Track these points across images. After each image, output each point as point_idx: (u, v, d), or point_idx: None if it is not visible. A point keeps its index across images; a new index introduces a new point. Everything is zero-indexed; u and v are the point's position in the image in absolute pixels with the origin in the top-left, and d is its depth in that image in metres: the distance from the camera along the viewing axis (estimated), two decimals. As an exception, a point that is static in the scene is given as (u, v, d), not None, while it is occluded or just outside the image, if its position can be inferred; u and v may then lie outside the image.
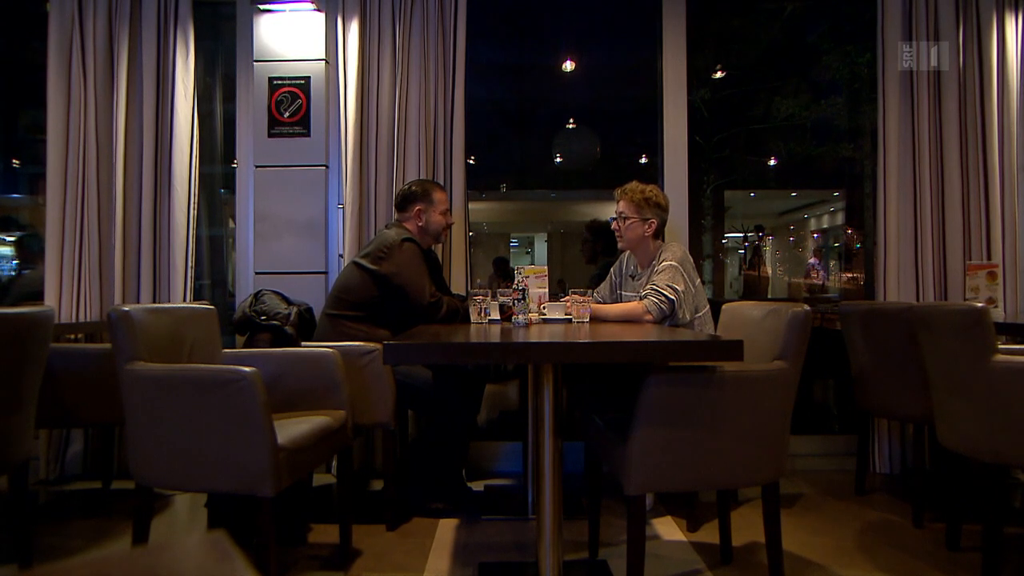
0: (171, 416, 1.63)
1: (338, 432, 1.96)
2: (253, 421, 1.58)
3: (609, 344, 1.48)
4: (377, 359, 2.17)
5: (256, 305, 2.52)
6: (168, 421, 1.63)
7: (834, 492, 2.61)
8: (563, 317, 2.14)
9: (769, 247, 8.57)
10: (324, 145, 2.86)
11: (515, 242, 9.86)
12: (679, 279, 2.14)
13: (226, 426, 1.60)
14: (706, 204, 5.58)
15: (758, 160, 5.99)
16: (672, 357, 1.49)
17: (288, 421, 1.84)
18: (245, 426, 1.59)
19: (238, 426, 1.59)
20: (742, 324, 1.94)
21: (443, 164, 2.81)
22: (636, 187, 2.30)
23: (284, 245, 2.84)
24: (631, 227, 2.30)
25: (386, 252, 2.31)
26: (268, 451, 1.59)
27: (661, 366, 1.58)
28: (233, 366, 1.64)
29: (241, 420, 1.59)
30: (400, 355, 1.46)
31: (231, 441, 1.60)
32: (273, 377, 1.97)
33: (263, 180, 2.84)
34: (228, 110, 3.14)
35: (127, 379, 1.66)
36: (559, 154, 6.03)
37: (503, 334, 1.78)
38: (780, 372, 1.63)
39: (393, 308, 2.32)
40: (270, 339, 2.42)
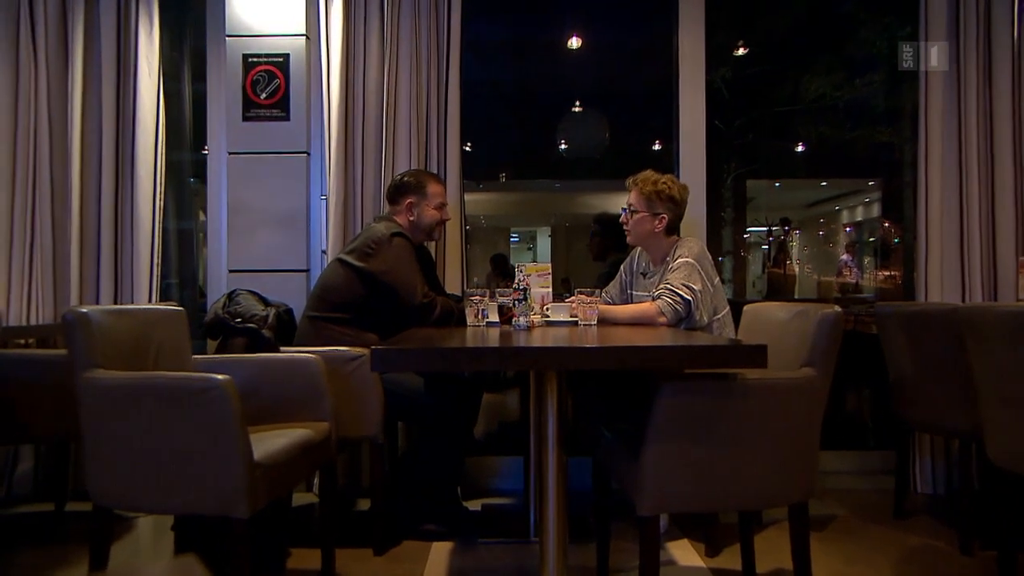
0: (134, 430, 1.63)
1: (321, 446, 1.96)
2: (226, 434, 1.58)
3: (619, 349, 1.47)
4: (364, 366, 2.17)
5: (230, 306, 2.51)
6: (131, 435, 1.63)
7: (870, 515, 2.60)
8: (568, 319, 2.14)
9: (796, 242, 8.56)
10: (305, 130, 2.85)
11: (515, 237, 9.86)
12: (696, 277, 2.13)
13: (196, 440, 1.59)
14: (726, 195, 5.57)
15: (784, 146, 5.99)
16: (689, 364, 1.49)
17: (265, 434, 1.83)
18: (217, 440, 1.58)
19: (209, 440, 1.58)
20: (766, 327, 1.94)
21: (436, 151, 2.81)
22: (649, 177, 2.30)
23: (261, 240, 2.83)
24: (639, 221, 2.30)
25: (374, 248, 2.30)
26: (243, 468, 1.58)
27: (676, 373, 1.57)
28: (204, 373, 1.63)
29: (213, 433, 1.58)
30: (389, 361, 1.46)
31: (201, 457, 1.59)
32: (249, 386, 1.96)
33: (237, 168, 2.84)
34: (198, 90, 3.14)
35: (85, 389, 1.66)
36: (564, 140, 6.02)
37: (502, 338, 1.77)
38: (808, 380, 1.63)
39: (382, 309, 2.31)
40: (245, 344, 2.42)
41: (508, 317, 2.06)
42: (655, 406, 1.53)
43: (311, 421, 2.01)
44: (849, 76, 5.18)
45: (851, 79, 5.16)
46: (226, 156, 2.86)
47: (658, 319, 2.09)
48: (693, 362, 1.46)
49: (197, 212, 3.49)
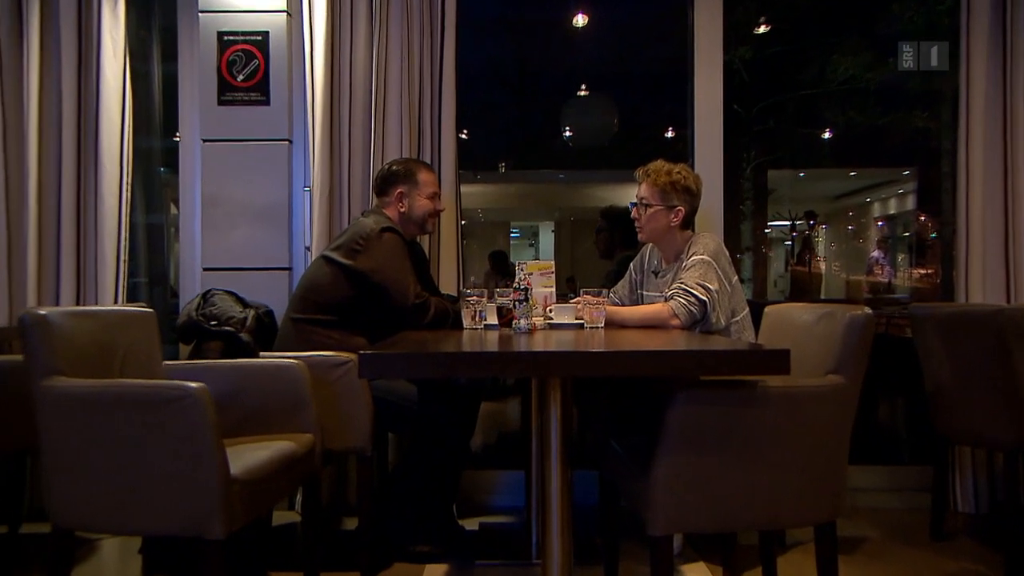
0: (98, 443, 1.62)
1: (304, 460, 1.96)
2: (200, 448, 1.58)
3: (628, 354, 1.47)
4: (351, 372, 2.17)
5: (205, 307, 2.51)
6: (94, 449, 1.63)
7: (905, 536, 2.60)
8: (573, 322, 2.14)
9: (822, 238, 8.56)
10: (287, 115, 2.85)
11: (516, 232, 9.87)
12: (712, 276, 2.14)
13: (167, 454, 1.59)
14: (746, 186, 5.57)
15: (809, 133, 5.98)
16: (704, 370, 1.49)
17: (243, 447, 1.83)
18: (190, 454, 1.58)
19: (181, 454, 1.58)
20: (789, 330, 1.94)
21: (430, 139, 2.81)
22: (661, 167, 2.30)
23: (239, 235, 2.83)
24: (653, 216, 2.29)
25: (362, 244, 2.30)
26: (218, 484, 1.58)
27: (691, 381, 1.57)
28: (176, 381, 1.63)
29: (185, 446, 1.58)
30: (379, 367, 1.46)
31: (172, 472, 1.59)
32: (225, 394, 1.97)
33: (212, 157, 2.84)
34: (168, 71, 3.13)
35: (43, 398, 1.65)
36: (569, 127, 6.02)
37: (502, 342, 1.77)
38: (835, 388, 1.63)
39: (371, 311, 2.31)
40: (221, 348, 2.42)
41: (508, 319, 2.06)
42: (668, 416, 1.53)
43: (293, 432, 2.01)
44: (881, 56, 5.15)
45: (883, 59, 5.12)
46: (200, 143, 2.86)
47: (671, 321, 2.09)
48: (709, 368, 1.46)
49: (168, 205, 3.49)
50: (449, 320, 2.32)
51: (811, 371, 1.70)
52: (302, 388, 2.04)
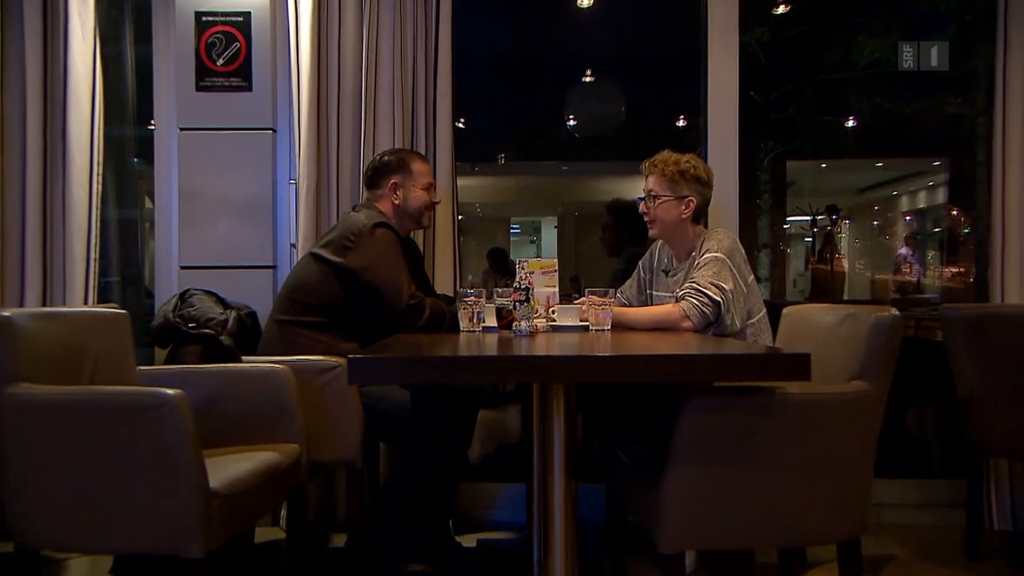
0: (67, 454, 1.63)
1: (289, 472, 1.96)
2: (177, 459, 1.58)
3: (637, 358, 1.48)
4: (340, 378, 2.17)
5: (182, 308, 2.51)
6: (62, 461, 1.63)
7: (936, 555, 2.60)
8: (577, 324, 2.14)
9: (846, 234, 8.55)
10: (270, 102, 2.86)
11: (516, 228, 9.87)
12: (726, 275, 2.14)
13: (141, 466, 1.59)
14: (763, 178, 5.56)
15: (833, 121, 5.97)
16: (718, 376, 1.49)
17: (223, 459, 1.84)
18: (166, 466, 1.58)
19: (157, 466, 1.59)
20: (809, 333, 1.94)
21: (424, 128, 2.81)
22: (668, 157, 2.31)
23: (219, 231, 2.83)
24: (663, 208, 2.30)
25: (353, 240, 2.31)
26: (196, 498, 1.59)
27: (704, 387, 1.58)
28: (151, 388, 1.64)
29: (161, 458, 1.59)
30: (370, 372, 1.47)
31: (147, 486, 1.59)
32: (204, 401, 1.97)
33: (190, 146, 2.84)
34: (142, 54, 3.12)
35: (7, 406, 1.66)
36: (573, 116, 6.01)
37: (501, 345, 1.77)
38: (859, 396, 1.63)
39: (362, 312, 2.32)
40: (200, 352, 2.42)
41: (508, 321, 2.06)
42: (679, 425, 1.53)
43: (278, 443, 2.01)
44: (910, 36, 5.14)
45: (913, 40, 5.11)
46: (176, 132, 2.86)
47: (682, 323, 2.09)
48: (724, 373, 1.46)
49: (142, 198, 3.49)
50: (445, 322, 2.32)
51: (833, 377, 1.70)
52: (287, 395, 2.04)
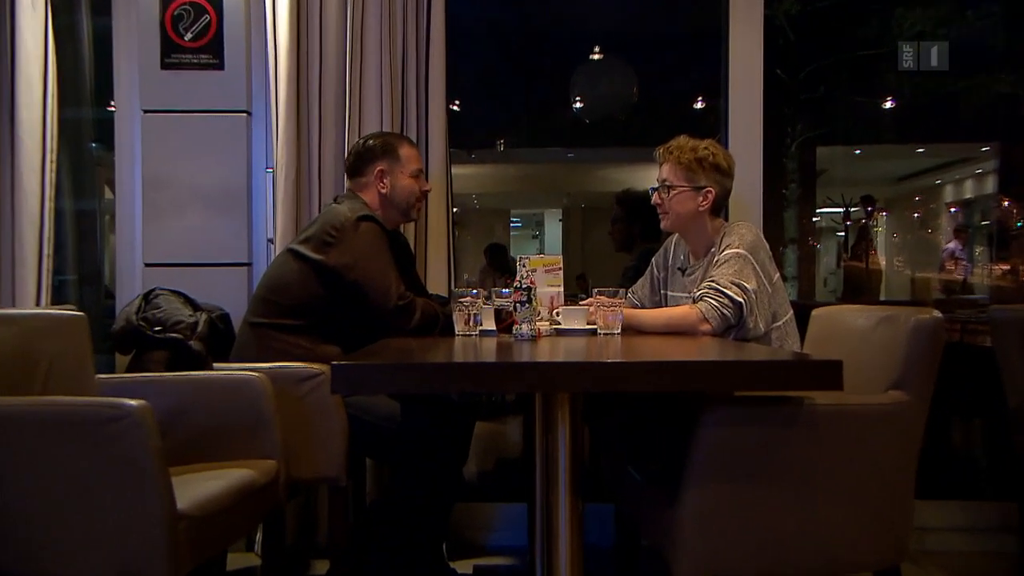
0: (16, 472, 1.62)
1: (265, 491, 1.96)
2: (140, 477, 1.58)
3: (650, 365, 1.48)
4: (322, 386, 2.17)
5: (147, 310, 2.51)
6: (11, 479, 1.62)
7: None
8: (584, 327, 2.14)
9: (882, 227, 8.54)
10: (244, 82, 2.86)
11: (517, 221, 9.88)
12: (749, 273, 2.14)
13: (100, 485, 1.59)
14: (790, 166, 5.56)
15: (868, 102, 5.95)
16: (740, 384, 1.49)
17: (192, 476, 1.83)
18: (128, 485, 1.58)
19: (118, 485, 1.58)
20: (841, 337, 1.94)
21: (416, 111, 2.81)
22: (685, 144, 2.31)
23: (187, 225, 2.83)
24: (679, 199, 2.29)
25: (335, 235, 2.31)
26: (161, 520, 1.58)
27: (725, 397, 1.57)
28: (112, 398, 1.63)
29: (123, 476, 1.58)
30: (355, 381, 1.46)
31: (107, 507, 1.59)
32: (171, 413, 1.97)
33: (155, 130, 2.84)
34: (101, 27, 3.11)
35: (-44, 416, 1.65)
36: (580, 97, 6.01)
37: (500, 351, 1.77)
38: (898, 407, 1.63)
39: (346, 314, 2.32)
40: (167, 359, 2.42)
41: (507, 324, 2.06)
42: (697, 439, 1.53)
43: (253, 459, 2.01)
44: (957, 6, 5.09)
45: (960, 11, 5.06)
46: (140, 115, 2.86)
47: (700, 326, 2.09)
48: (746, 382, 1.46)
49: (101, 188, 3.48)
50: (438, 325, 2.32)
51: (868, 386, 1.70)
52: (263, 406, 2.04)
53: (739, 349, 1.87)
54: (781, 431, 1.56)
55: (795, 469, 1.56)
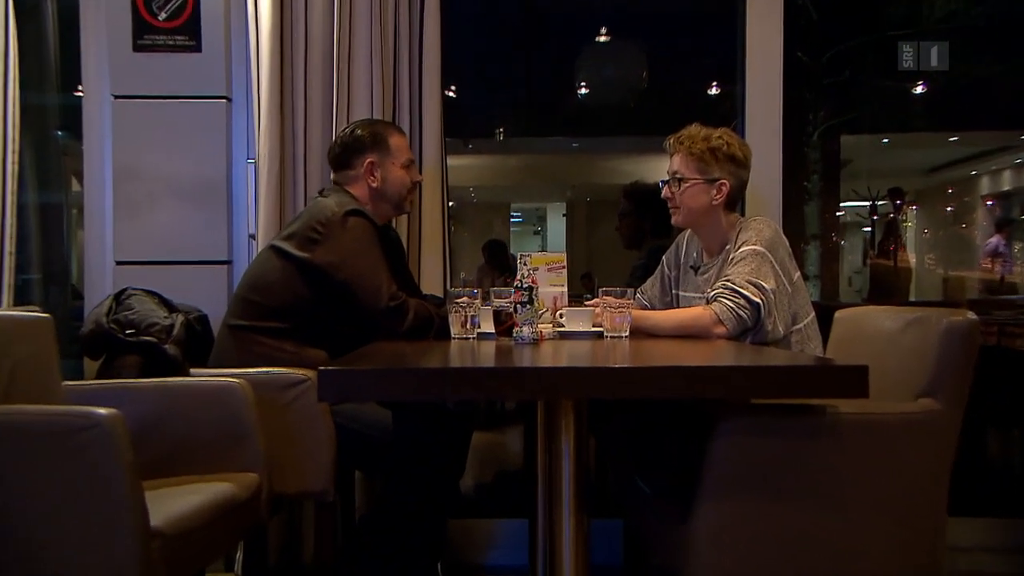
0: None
1: (246, 507, 1.96)
2: (111, 492, 1.58)
3: (661, 371, 1.47)
4: (308, 394, 2.17)
5: (118, 312, 2.51)
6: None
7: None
8: (590, 330, 2.15)
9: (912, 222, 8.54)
10: (224, 66, 2.86)
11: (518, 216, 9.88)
12: (767, 272, 2.14)
13: (67, 500, 1.59)
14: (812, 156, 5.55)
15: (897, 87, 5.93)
16: (757, 392, 1.48)
17: (168, 491, 1.84)
18: (98, 500, 1.58)
19: (87, 500, 1.58)
20: (867, 341, 1.93)
21: (408, 97, 2.81)
22: (697, 133, 2.31)
23: (162, 220, 2.84)
24: (691, 193, 2.30)
25: (322, 231, 2.31)
26: (134, 538, 1.58)
27: (741, 406, 1.57)
28: (80, 407, 1.63)
29: (92, 491, 1.58)
30: (344, 387, 1.46)
31: (75, 523, 1.59)
32: (145, 423, 1.97)
33: (127, 118, 2.84)
34: (66, 5, 3.12)
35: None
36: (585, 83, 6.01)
37: (499, 355, 1.76)
38: (929, 416, 1.63)
39: (333, 316, 2.33)
40: (140, 364, 2.42)
41: (507, 326, 2.06)
42: (711, 450, 1.52)
43: (233, 472, 2.01)
44: (993, -19, 5.07)
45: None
46: (110, 101, 2.86)
47: (714, 329, 2.09)
48: (764, 389, 1.46)
49: (68, 180, 3.48)
50: (433, 327, 2.32)
51: (896, 393, 1.70)
52: (244, 415, 2.04)
53: (756, 353, 1.87)
54: (802, 442, 1.55)
55: (817, 483, 1.56)
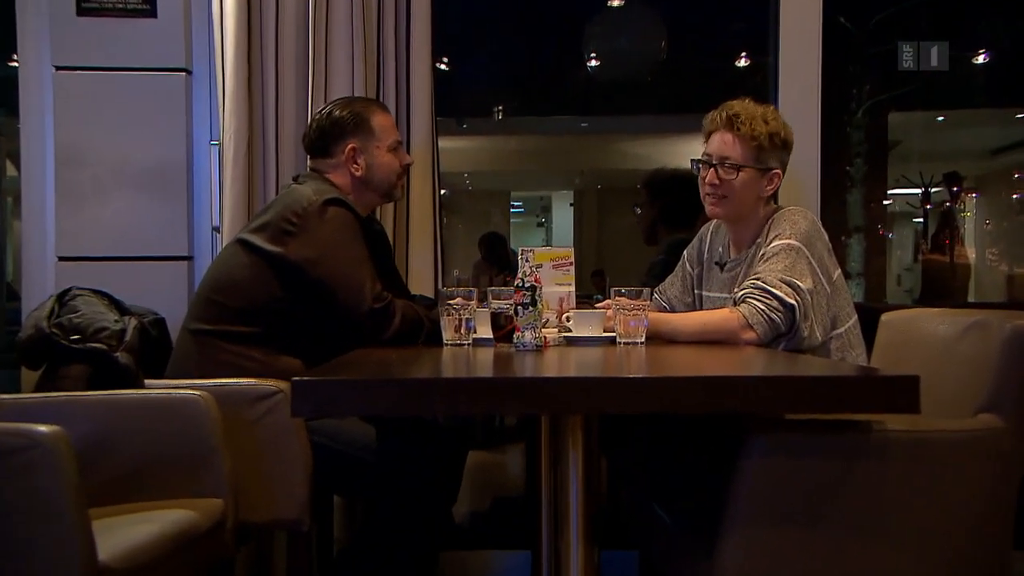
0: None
1: (209, 537, 1.96)
2: (52, 521, 1.57)
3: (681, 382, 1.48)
4: (280, 408, 2.17)
5: (62, 315, 2.51)
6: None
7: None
8: (601, 335, 2.15)
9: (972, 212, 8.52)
10: (183, 34, 2.86)
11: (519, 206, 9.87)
12: (803, 270, 2.14)
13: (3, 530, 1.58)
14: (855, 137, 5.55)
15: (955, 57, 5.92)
16: (792, 406, 1.49)
17: (118, 520, 1.83)
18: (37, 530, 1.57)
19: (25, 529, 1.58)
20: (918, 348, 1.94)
21: (395, 71, 2.82)
22: (755, 113, 2.28)
23: (113, 210, 2.84)
24: (746, 183, 2.28)
25: (297, 222, 2.31)
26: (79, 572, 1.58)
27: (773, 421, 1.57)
28: (17, 424, 1.62)
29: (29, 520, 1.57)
30: (321, 400, 1.46)
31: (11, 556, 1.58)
32: (93, 442, 1.96)
33: (71, 92, 2.84)
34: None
35: None
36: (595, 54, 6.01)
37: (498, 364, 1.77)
38: (989, 435, 1.63)
39: (309, 319, 2.33)
40: (87, 374, 2.42)
41: (507, 331, 2.06)
42: (740, 472, 1.53)
43: (194, 497, 2.01)
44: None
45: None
46: (51, 72, 2.85)
47: (743, 334, 2.09)
48: (800, 402, 1.46)
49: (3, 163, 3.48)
50: (422, 332, 2.33)
51: (953, 408, 1.70)
52: (207, 432, 2.04)
53: (791, 362, 1.87)
54: (843, 463, 1.55)
55: (861, 511, 1.56)
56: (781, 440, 1.55)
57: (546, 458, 2.03)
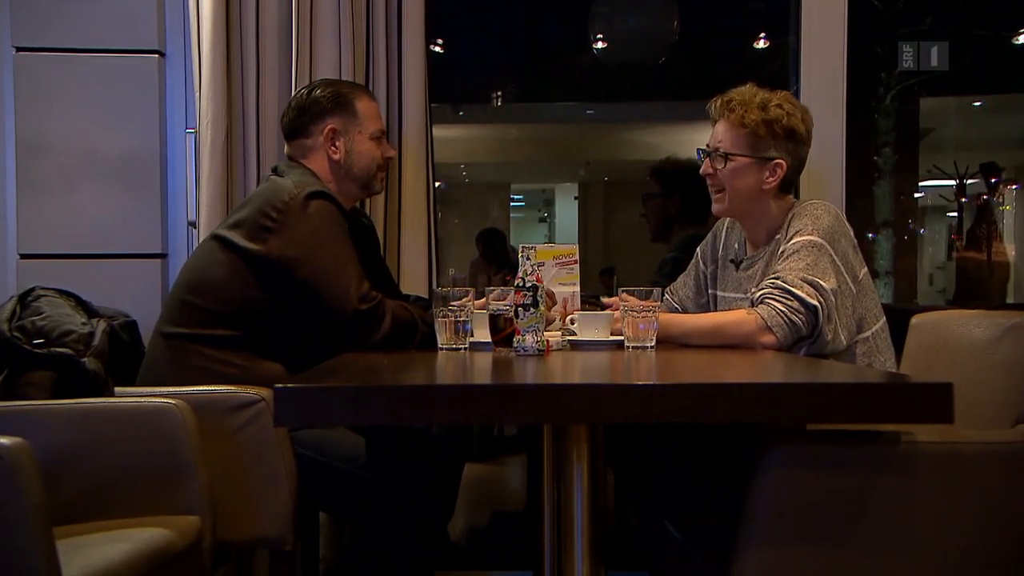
0: None
1: (184, 557, 1.96)
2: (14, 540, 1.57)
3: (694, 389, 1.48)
4: (261, 417, 2.17)
5: (24, 317, 2.51)
6: None
7: None
8: (608, 338, 2.15)
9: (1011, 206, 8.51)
10: (155, 13, 2.87)
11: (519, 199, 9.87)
12: (826, 268, 2.14)
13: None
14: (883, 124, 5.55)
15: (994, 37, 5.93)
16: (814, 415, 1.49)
17: (86, 539, 1.83)
18: (2, 547, 1.58)
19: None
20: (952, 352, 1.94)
21: (386, 53, 2.83)
22: (751, 97, 2.29)
23: (79, 203, 2.85)
24: (737, 173, 2.29)
25: (278, 217, 2.31)
26: (47, 594, 1.58)
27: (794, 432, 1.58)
28: (-21, 433, 1.63)
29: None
30: (306, 409, 1.47)
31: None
32: (59, 454, 1.97)
33: (32, 76, 2.85)
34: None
35: None
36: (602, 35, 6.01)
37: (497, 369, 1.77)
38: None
39: (291, 322, 2.34)
40: (52, 381, 2.42)
41: (506, 334, 2.07)
42: (758, 487, 1.53)
43: (168, 514, 2.01)
44: None
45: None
46: (11, 54, 2.86)
47: (761, 337, 2.09)
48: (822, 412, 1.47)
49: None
50: (415, 335, 2.34)
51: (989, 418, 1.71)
52: (183, 444, 2.04)
53: (813, 368, 1.88)
54: (870, 476, 1.56)
55: (887, 528, 1.56)
56: (802, 452, 1.55)
57: (549, 471, 2.04)
